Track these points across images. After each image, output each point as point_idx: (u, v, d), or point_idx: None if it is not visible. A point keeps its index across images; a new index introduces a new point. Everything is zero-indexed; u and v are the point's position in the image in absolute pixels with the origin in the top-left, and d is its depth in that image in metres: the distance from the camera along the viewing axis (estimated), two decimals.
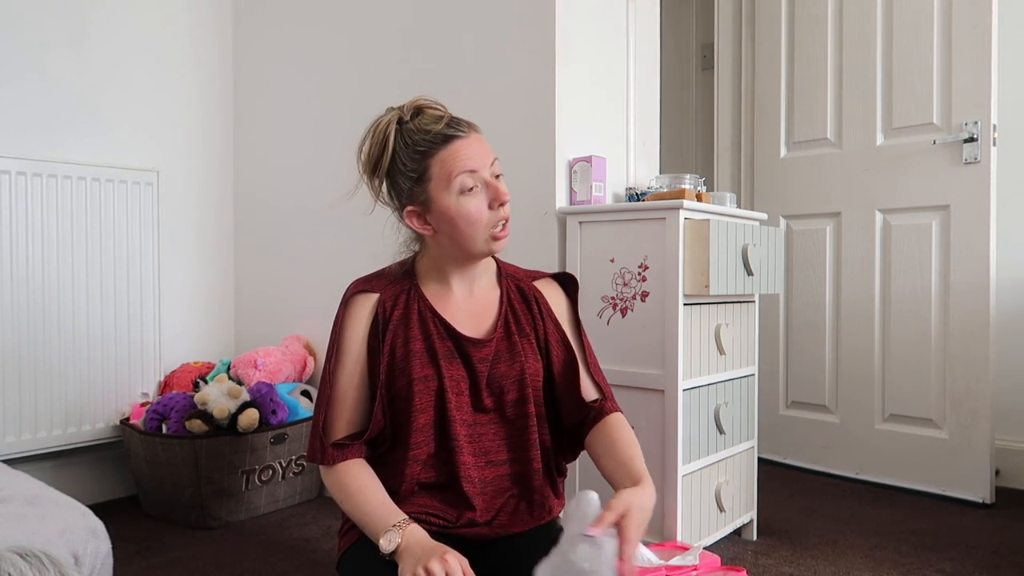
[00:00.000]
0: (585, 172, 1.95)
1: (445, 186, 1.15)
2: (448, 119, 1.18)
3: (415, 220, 1.20)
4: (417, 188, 1.18)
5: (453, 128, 1.16)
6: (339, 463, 1.19)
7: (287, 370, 2.45)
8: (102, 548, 1.46)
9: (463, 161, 1.15)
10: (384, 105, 1.28)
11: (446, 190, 1.15)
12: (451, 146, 1.15)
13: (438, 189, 1.16)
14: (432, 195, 1.17)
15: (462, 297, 1.26)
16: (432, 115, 1.19)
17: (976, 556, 1.93)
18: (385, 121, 1.21)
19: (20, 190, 2.21)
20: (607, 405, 1.28)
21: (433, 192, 1.16)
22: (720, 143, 3.11)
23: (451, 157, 1.15)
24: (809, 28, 2.74)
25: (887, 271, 2.56)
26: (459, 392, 1.21)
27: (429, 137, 1.16)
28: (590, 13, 2.06)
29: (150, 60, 2.57)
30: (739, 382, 1.98)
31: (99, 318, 2.36)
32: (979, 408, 2.34)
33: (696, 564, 1.35)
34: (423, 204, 1.18)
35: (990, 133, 2.30)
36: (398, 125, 1.20)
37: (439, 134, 1.15)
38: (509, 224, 1.21)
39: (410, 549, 1.07)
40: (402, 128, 1.20)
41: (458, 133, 1.16)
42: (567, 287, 1.36)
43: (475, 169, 1.16)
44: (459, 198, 1.15)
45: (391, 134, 1.18)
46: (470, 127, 1.19)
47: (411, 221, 1.21)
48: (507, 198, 1.19)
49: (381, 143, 1.19)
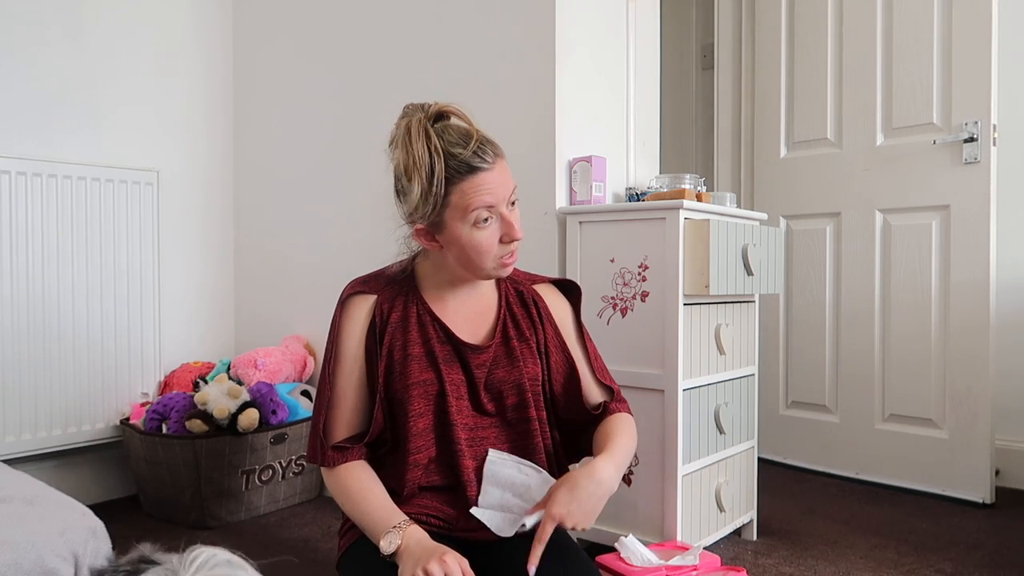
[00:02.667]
0: (585, 172, 1.95)
1: (461, 216, 1.13)
2: (477, 142, 1.13)
3: (424, 237, 1.19)
4: (432, 212, 1.14)
5: (479, 158, 1.12)
6: (340, 465, 1.19)
7: (287, 370, 2.45)
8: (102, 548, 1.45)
9: (483, 196, 1.12)
10: (384, 105, 1.28)
11: (461, 220, 1.13)
12: (475, 178, 1.11)
13: (453, 217, 1.13)
14: (446, 220, 1.14)
15: (461, 301, 1.26)
16: (458, 131, 1.14)
17: (976, 556, 1.93)
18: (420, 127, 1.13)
19: (20, 190, 2.21)
20: (612, 406, 1.29)
21: (448, 218, 1.14)
22: (720, 143, 3.11)
23: (472, 190, 1.11)
24: (809, 28, 2.74)
25: (887, 271, 2.56)
26: (459, 396, 1.21)
27: (455, 164, 1.11)
28: (590, 13, 2.06)
29: (150, 60, 2.57)
30: (739, 382, 1.98)
31: (99, 318, 2.36)
32: (979, 408, 2.34)
33: (696, 564, 1.35)
34: (435, 225, 1.16)
35: (990, 133, 2.30)
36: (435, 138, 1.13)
37: (465, 163, 1.11)
38: (516, 252, 1.20)
39: (410, 550, 1.07)
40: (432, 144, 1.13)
41: (483, 165, 1.12)
42: (569, 293, 1.36)
43: (493, 204, 1.13)
44: (472, 229, 1.13)
45: (435, 148, 1.11)
46: (495, 155, 1.14)
47: (419, 237, 1.19)
48: (519, 236, 1.17)
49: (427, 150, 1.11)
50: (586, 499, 1.10)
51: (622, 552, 1.33)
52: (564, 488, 1.11)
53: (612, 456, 1.16)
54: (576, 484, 1.11)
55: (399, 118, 1.18)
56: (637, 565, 1.31)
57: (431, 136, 1.12)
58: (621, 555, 1.33)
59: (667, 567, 1.33)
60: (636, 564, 1.31)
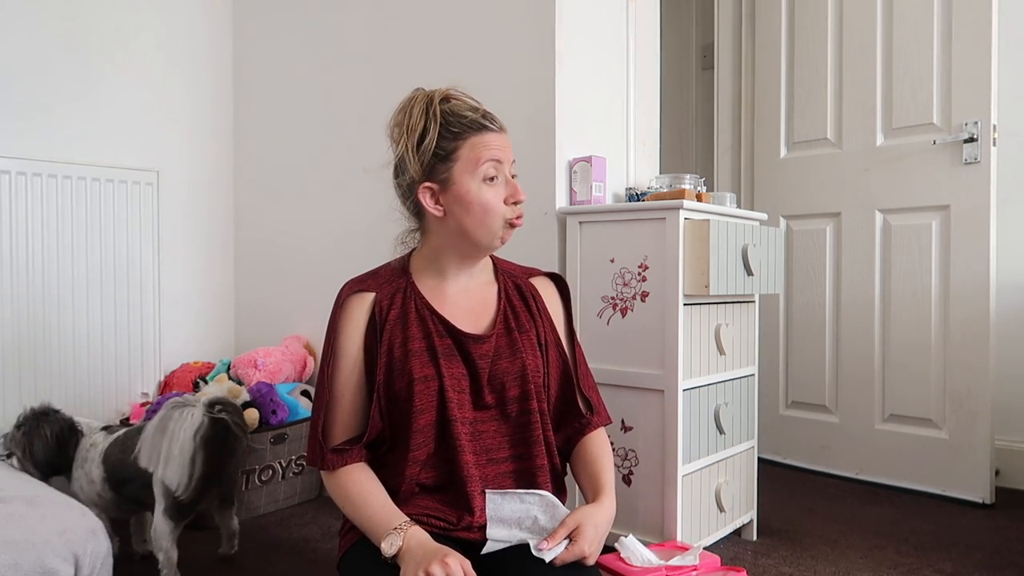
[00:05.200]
0: (585, 172, 1.95)
1: (471, 169, 1.17)
2: (484, 111, 1.21)
3: (428, 197, 1.20)
4: (441, 165, 1.18)
5: (488, 121, 1.20)
6: (339, 468, 1.19)
7: (287, 370, 2.45)
8: (102, 548, 1.46)
9: (493, 151, 1.18)
10: (384, 105, 1.28)
11: (471, 173, 1.17)
12: (484, 134, 1.18)
13: (463, 171, 1.18)
14: (455, 176, 1.18)
15: (459, 293, 1.26)
16: (466, 103, 1.22)
17: (976, 556, 1.93)
18: (424, 96, 1.21)
19: (20, 190, 2.21)
20: (593, 420, 1.31)
21: (457, 173, 1.18)
22: (720, 143, 3.11)
23: (482, 144, 1.18)
24: (809, 28, 2.74)
25: (887, 271, 2.56)
26: (460, 390, 1.21)
27: (465, 121, 1.18)
28: (590, 13, 2.06)
29: (150, 60, 2.57)
30: (739, 382, 1.98)
31: (99, 318, 2.37)
32: (979, 408, 2.34)
33: (696, 564, 1.35)
34: (442, 183, 1.19)
35: (990, 133, 2.30)
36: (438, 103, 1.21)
37: (475, 121, 1.18)
38: (521, 220, 1.23)
39: (411, 551, 1.07)
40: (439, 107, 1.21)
41: (492, 126, 1.20)
42: (562, 293, 1.37)
43: (502, 160, 1.19)
44: (481, 184, 1.18)
45: (436, 112, 1.18)
46: (502, 128, 1.22)
47: (423, 197, 1.20)
48: (523, 197, 1.22)
49: (424, 115, 1.19)
50: (603, 537, 1.17)
51: (622, 552, 1.33)
52: (591, 527, 1.14)
53: (612, 492, 1.24)
54: (600, 523, 1.16)
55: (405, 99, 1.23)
56: (637, 565, 1.31)
57: (433, 103, 1.19)
58: (621, 555, 1.33)
59: (667, 567, 1.33)
60: (636, 564, 1.31)
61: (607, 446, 1.30)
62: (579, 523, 1.13)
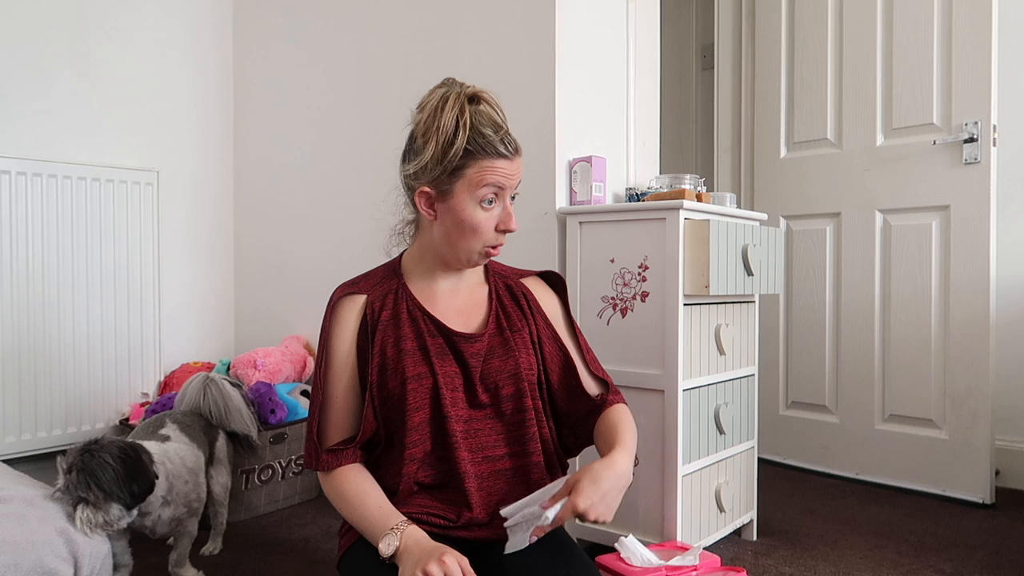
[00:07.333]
0: (585, 172, 1.95)
1: (471, 189, 1.16)
2: (505, 132, 1.19)
3: (424, 201, 1.21)
4: (444, 176, 1.18)
5: (505, 147, 1.17)
6: (335, 469, 1.19)
7: (287, 370, 2.45)
8: (102, 548, 1.46)
9: (499, 178, 1.17)
10: (384, 105, 1.28)
11: (470, 193, 1.17)
12: (496, 160, 1.16)
13: (464, 188, 1.17)
14: (455, 189, 1.17)
15: (450, 293, 1.27)
16: (491, 117, 1.19)
17: (976, 556, 1.93)
18: (456, 99, 1.17)
19: (20, 190, 2.21)
20: (610, 398, 1.29)
21: (458, 188, 1.17)
22: (720, 143, 3.11)
23: (491, 168, 1.16)
24: (809, 28, 2.74)
25: (887, 271, 2.56)
26: (453, 388, 1.21)
27: (482, 141, 1.16)
28: (590, 13, 2.06)
29: (150, 60, 2.57)
30: (739, 382, 1.98)
31: (99, 318, 2.37)
32: (979, 408, 2.34)
33: (696, 564, 1.35)
34: (442, 192, 1.18)
35: (990, 133, 2.30)
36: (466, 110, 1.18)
37: (492, 144, 1.16)
38: (498, 251, 1.23)
39: (409, 551, 1.07)
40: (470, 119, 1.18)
41: (506, 153, 1.17)
42: (555, 286, 1.37)
43: (504, 187, 1.18)
44: (476, 206, 1.17)
45: (467, 123, 1.16)
46: (516, 151, 1.20)
47: (419, 199, 1.21)
48: (514, 227, 1.21)
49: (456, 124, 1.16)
50: (608, 491, 1.10)
51: (622, 552, 1.33)
52: (587, 480, 1.09)
53: (626, 448, 1.17)
54: (598, 476, 1.10)
55: (436, 87, 1.21)
56: (637, 565, 1.31)
57: (465, 111, 1.16)
58: (621, 555, 1.33)
59: (667, 567, 1.33)
60: (636, 564, 1.31)
61: (628, 415, 1.26)
62: (578, 479, 1.09)
